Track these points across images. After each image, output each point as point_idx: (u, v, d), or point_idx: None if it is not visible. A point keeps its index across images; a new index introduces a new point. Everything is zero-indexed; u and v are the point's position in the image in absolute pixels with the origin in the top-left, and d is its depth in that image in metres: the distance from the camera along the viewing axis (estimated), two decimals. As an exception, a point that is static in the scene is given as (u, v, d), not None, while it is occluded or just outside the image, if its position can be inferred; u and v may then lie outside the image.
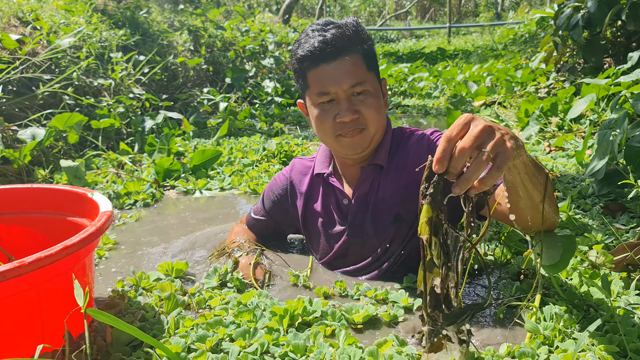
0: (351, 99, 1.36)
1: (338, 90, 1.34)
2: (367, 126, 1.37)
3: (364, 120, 1.37)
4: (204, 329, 1.19)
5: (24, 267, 0.92)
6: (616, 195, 2.06)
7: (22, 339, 1.03)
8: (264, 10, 14.64)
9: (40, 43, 3.87)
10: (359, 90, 1.35)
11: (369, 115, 1.36)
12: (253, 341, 1.13)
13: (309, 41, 1.36)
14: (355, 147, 1.40)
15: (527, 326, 1.14)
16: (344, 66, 1.34)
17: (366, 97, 1.36)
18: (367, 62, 1.37)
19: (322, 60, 1.34)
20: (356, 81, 1.34)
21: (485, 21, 18.70)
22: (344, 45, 1.34)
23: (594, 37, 4.12)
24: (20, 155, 2.72)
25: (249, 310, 1.27)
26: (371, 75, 1.38)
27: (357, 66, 1.35)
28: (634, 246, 1.32)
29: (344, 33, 1.35)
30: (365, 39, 1.39)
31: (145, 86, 4.63)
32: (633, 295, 1.23)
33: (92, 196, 1.32)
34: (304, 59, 1.37)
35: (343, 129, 1.36)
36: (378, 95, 1.39)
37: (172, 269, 1.55)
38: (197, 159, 2.98)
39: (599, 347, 1.03)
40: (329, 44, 1.33)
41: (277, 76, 6.36)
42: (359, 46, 1.37)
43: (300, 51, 1.38)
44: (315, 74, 1.36)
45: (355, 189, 1.49)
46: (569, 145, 3.12)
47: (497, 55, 8.80)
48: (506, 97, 5.17)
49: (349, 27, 1.37)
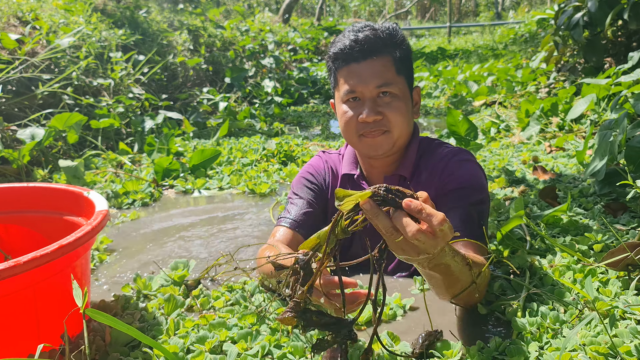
0: (376, 100, 1.37)
1: (364, 90, 1.36)
2: (390, 129, 1.37)
3: (387, 122, 1.37)
4: (205, 330, 1.19)
5: (19, 266, 0.91)
6: (617, 195, 2.05)
7: (17, 339, 1.02)
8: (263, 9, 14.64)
9: (40, 43, 3.87)
10: (384, 90, 1.36)
11: (392, 118, 1.36)
12: (255, 344, 1.13)
13: (342, 40, 1.39)
14: (376, 149, 1.39)
15: (514, 324, 1.15)
16: (373, 66, 1.36)
17: (392, 100, 1.37)
18: (397, 65, 1.38)
19: (352, 59, 1.37)
20: (383, 82, 1.35)
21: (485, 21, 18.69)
22: (374, 46, 1.36)
23: (595, 37, 4.11)
24: (19, 155, 2.71)
25: (253, 313, 1.26)
26: (400, 79, 1.39)
27: (386, 68, 1.37)
28: (634, 246, 1.32)
29: (377, 35, 1.37)
30: (398, 44, 1.40)
31: (145, 86, 4.62)
32: (631, 295, 1.22)
33: (88, 195, 1.32)
34: (335, 57, 1.41)
35: (365, 128, 1.37)
36: (405, 99, 1.40)
37: (176, 275, 1.53)
38: (196, 158, 2.98)
39: (589, 347, 1.03)
40: (359, 44, 1.36)
41: (277, 76, 6.35)
42: (391, 49, 1.38)
43: (333, 49, 1.42)
44: (345, 72, 1.39)
45: None
46: (570, 146, 3.12)
47: (498, 55, 8.79)
48: (506, 97, 5.16)
49: (383, 30, 1.39)
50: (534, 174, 2.56)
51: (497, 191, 2.31)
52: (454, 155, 1.44)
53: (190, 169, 2.97)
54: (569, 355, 1.01)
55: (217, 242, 1.97)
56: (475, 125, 2.83)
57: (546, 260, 1.49)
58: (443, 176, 1.40)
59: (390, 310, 1.29)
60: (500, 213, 2.01)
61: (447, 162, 1.42)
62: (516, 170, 2.67)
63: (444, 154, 1.45)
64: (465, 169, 1.40)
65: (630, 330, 1.06)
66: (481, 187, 1.39)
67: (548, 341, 1.09)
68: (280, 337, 1.16)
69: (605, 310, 1.17)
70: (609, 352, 1.01)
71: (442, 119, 5.23)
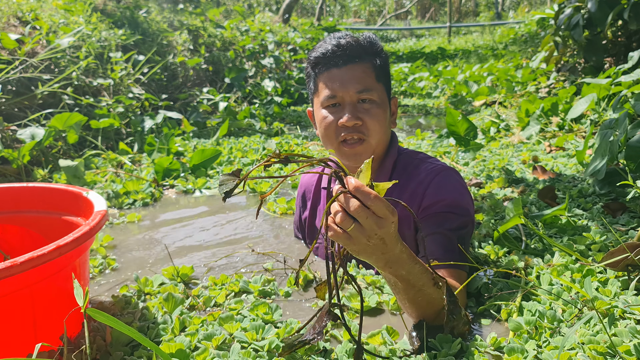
0: (356, 106, 1.37)
1: (344, 95, 1.37)
2: (368, 136, 1.37)
3: (365, 129, 1.37)
4: (213, 325, 1.20)
5: (16, 266, 0.91)
6: (617, 195, 2.05)
7: (13, 339, 1.02)
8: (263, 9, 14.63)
9: (40, 43, 3.87)
10: (365, 97, 1.37)
11: (371, 125, 1.36)
12: (265, 337, 1.14)
13: (323, 45, 1.41)
14: (356, 158, 1.39)
15: (510, 323, 1.15)
16: (353, 71, 1.37)
17: (371, 107, 1.37)
18: (377, 72, 1.40)
19: (333, 64, 1.38)
20: (363, 87, 1.36)
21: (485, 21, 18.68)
22: (356, 52, 1.38)
23: (595, 37, 4.11)
24: (19, 155, 2.71)
25: (264, 303, 1.27)
26: (380, 87, 1.40)
27: (366, 74, 1.38)
28: (634, 247, 1.31)
29: (358, 42, 1.39)
30: (378, 52, 1.42)
31: (145, 86, 4.62)
32: (631, 295, 1.22)
33: (87, 195, 1.32)
34: (316, 61, 1.42)
35: (344, 132, 1.37)
36: (384, 107, 1.40)
37: (177, 274, 1.54)
38: (196, 158, 2.98)
39: (588, 346, 1.03)
40: (341, 48, 1.38)
41: (276, 76, 6.35)
42: (371, 56, 1.40)
43: (314, 54, 1.43)
44: (325, 77, 1.40)
45: None
46: (570, 145, 3.11)
47: (498, 55, 8.78)
48: (507, 96, 5.16)
49: (364, 39, 1.41)
50: (534, 173, 2.56)
51: (497, 191, 2.31)
52: (436, 175, 1.39)
53: (191, 168, 2.97)
54: (568, 354, 1.01)
55: (217, 241, 1.97)
56: (475, 125, 2.83)
57: (543, 261, 1.49)
58: (425, 200, 1.36)
59: (394, 304, 1.30)
60: (497, 213, 2.01)
61: (427, 184, 1.38)
62: (516, 170, 2.67)
63: (423, 176, 1.40)
64: (447, 192, 1.35)
65: (629, 329, 1.06)
66: (463, 211, 1.34)
67: (546, 340, 1.09)
68: (291, 331, 1.17)
69: (605, 309, 1.17)
70: (608, 351, 1.01)
71: (442, 119, 5.23)
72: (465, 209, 1.35)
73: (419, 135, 3.94)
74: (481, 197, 2.27)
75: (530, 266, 1.47)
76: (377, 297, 1.32)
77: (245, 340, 1.14)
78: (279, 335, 1.15)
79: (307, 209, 1.69)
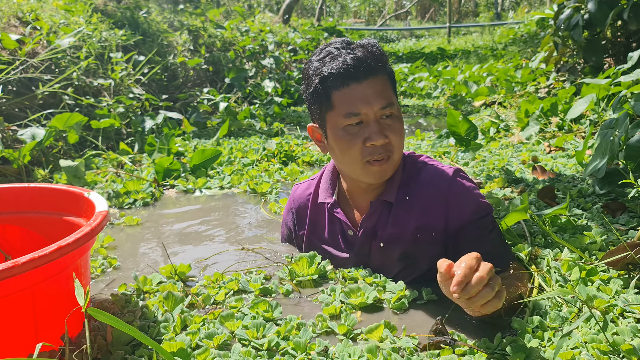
0: (380, 122, 1.29)
1: (369, 112, 1.27)
2: (393, 152, 1.31)
3: (391, 146, 1.30)
4: (214, 324, 1.20)
5: (17, 267, 0.91)
6: (617, 195, 2.05)
7: (14, 340, 1.02)
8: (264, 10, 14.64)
9: (40, 43, 3.87)
10: (388, 112, 1.29)
11: (395, 142, 1.30)
12: (266, 335, 1.15)
13: (337, 59, 1.27)
14: (382, 176, 1.33)
15: (514, 322, 1.16)
16: (376, 86, 1.28)
17: (394, 122, 1.31)
18: (392, 84, 1.33)
19: (354, 79, 1.26)
20: (387, 102, 1.29)
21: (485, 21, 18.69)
22: (375, 64, 1.28)
23: (594, 37, 4.11)
24: (19, 155, 2.72)
25: (264, 301, 1.28)
26: (395, 99, 1.33)
27: (386, 87, 1.31)
28: (635, 246, 1.32)
29: (374, 52, 1.29)
30: (387, 61, 1.34)
31: (145, 86, 4.62)
32: (632, 294, 1.23)
33: (88, 196, 1.32)
34: (331, 77, 1.27)
35: (373, 153, 1.29)
36: (402, 119, 1.34)
37: (175, 272, 1.54)
38: (197, 158, 2.98)
39: (591, 344, 1.03)
40: (363, 62, 1.26)
41: (277, 76, 6.36)
42: (386, 67, 1.33)
43: (326, 69, 1.28)
44: (343, 94, 1.27)
45: (363, 222, 1.42)
46: (569, 146, 3.12)
47: (497, 56, 8.79)
48: (506, 97, 5.17)
49: (374, 48, 1.31)
50: (533, 173, 2.56)
51: (496, 191, 2.32)
52: (451, 182, 1.35)
53: (191, 168, 2.98)
54: (571, 353, 1.01)
55: (218, 241, 1.98)
56: (476, 125, 2.83)
57: (552, 255, 1.49)
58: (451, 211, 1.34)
59: (395, 302, 1.31)
60: (497, 212, 2.01)
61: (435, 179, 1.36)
62: (515, 170, 2.67)
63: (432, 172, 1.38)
64: (471, 197, 1.36)
65: (630, 328, 1.07)
66: (488, 209, 1.37)
67: (550, 339, 1.10)
68: (291, 329, 1.17)
69: (604, 307, 1.17)
70: (610, 349, 1.02)
71: (441, 119, 5.23)
72: (488, 206, 1.38)
73: (419, 136, 3.94)
74: (481, 197, 2.27)
75: (540, 257, 1.48)
76: (376, 293, 1.32)
77: (246, 338, 1.14)
78: (279, 333, 1.15)
79: (306, 225, 1.58)
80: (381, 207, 1.40)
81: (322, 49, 1.33)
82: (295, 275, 1.46)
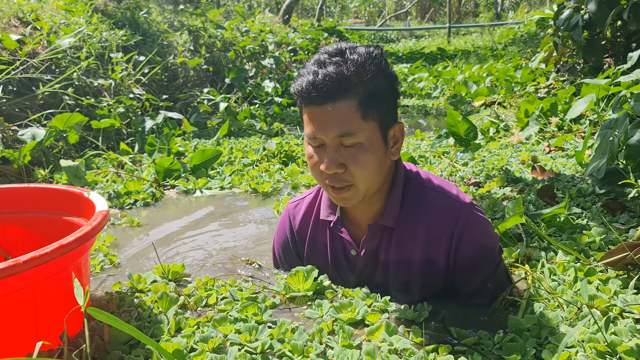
0: (339, 150, 1.18)
1: (325, 137, 1.18)
2: (354, 183, 1.20)
3: (349, 177, 1.19)
4: (209, 327, 1.20)
5: (18, 266, 0.92)
6: (616, 194, 2.06)
7: (15, 338, 1.03)
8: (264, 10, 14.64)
9: (41, 43, 3.87)
10: (347, 142, 1.17)
11: (356, 172, 1.18)
12: (259, 338, 1.14)
13: (304, 76, 1.18)
14: (345, 202, 1.25)
15: (510, 322, 1.16)
16: (334, 113, 1.15)
17: (357, 152, 1.17)
18: (364, 109, 1.16)
19: (311, 102, 1.17)
20: (344, 132, 1.16)
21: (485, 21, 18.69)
22: (336, 88, 1.14)
23: (594, 37, 4.12)
24: (20, 155, 2.72)
25: (253, 304, 1.27)
26: (368, 125, 1.17)
27: (349, 114, 1.15)
28: (634, 246, 1.32)
29: (342, 72, 1.14)
30: (368, 81, 1.16)
31: (146, 86, 4.63)
32: (630, 294, 1.23)
33: (88, 196, 1.32)
34: (296, 94, 1.21)
35: (329, 179, 1.21)
36: (374, 147, 1.19)
37: (168, 272, 1.54)
38: (197, 158, 2.98)
39: (588, 344, 1.03)
40: (318, 86, 1.14)
41: (277, 76, 6.36)
42: (358, 88, 1.16)
43: (295, 84, 1.20)
44: (307, 113, 1.21)
45: (363, 244, 1.35)
46: (569, 146, 3.12)
47: (497, 56, 8.80)
48: (506, 97, 5.17)
49: (351, 65, 1.15)
50: (533, 173, 2.56)
51: (495, 190, 2.32)
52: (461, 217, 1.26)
53: (192, 169, 2.98)
54: (567, 353, 1.02)
55: (216, 241, 1.98)
56: (475, 126, 2.84)
57: (546, 258, 1.50)
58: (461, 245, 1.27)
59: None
60: (495, 212, 2.01)
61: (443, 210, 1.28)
62: (515, 170, 2.68)
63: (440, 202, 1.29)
64: (480, 238, 1.28)
65: (629, 328, 1.07)
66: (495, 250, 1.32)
67: (547, 338, 1.10)
68: (285, 332, 1.17)
69: (604, 307, 1.18)
70: (607, 350, 1.02)
71: (441, 119, 5.24)
72: (495, 247, 1.32)
73: (419, 136, 3.95)
74: (480, 196, 2.27)
75: (534, 259, 1.48)
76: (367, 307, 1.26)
77: (239, 342, 1.13)
78: (272, 336, 1.15)
79: (306, 242, 1.48)
80: (381, 231, 1.33)
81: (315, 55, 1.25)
82: (290, 290, 1.40)
